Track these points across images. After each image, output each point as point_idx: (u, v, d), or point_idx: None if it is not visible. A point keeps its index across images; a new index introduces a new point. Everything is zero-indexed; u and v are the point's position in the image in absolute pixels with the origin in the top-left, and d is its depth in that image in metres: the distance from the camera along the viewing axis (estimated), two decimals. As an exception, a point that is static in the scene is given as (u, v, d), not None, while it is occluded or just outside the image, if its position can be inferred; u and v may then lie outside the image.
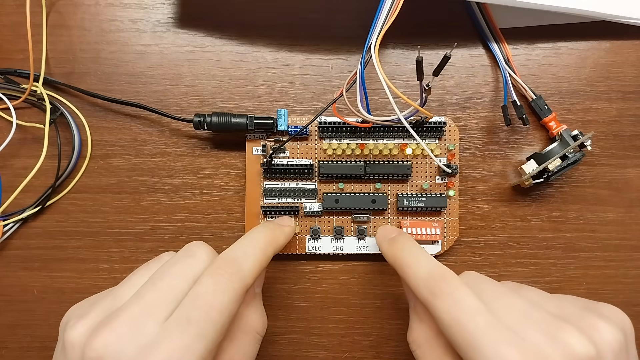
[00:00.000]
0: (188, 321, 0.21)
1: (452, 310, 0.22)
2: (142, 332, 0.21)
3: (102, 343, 0.20)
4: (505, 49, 0.32)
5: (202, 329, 0.21)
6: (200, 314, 0.21)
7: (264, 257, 0.25)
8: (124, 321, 0.21)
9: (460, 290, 0.23)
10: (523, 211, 0.33)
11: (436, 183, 0.32)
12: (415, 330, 0.26)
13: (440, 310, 0.22)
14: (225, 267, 0.23)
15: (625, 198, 0.33)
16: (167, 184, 0.33)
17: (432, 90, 0.26)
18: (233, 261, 0.24)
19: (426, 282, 0.24)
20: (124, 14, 0.33)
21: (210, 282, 0.22)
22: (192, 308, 0.21)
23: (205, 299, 0.22)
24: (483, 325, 0.21)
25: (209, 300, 0.22)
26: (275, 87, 0.33)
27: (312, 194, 0.32)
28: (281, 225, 0.29)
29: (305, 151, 0.32)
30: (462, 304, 0.22)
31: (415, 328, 0.26)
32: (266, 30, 0.33)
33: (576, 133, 0.31)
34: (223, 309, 0.22)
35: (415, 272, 0.25)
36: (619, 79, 0.32)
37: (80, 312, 0.23)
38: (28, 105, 0.33)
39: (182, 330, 0.21)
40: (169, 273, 0.23)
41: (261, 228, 0.27)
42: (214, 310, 0.21)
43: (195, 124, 0.30)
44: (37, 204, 0.32)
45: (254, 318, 0.26)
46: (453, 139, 0.32)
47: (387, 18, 0.26)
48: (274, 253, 0.27)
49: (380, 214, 0.32)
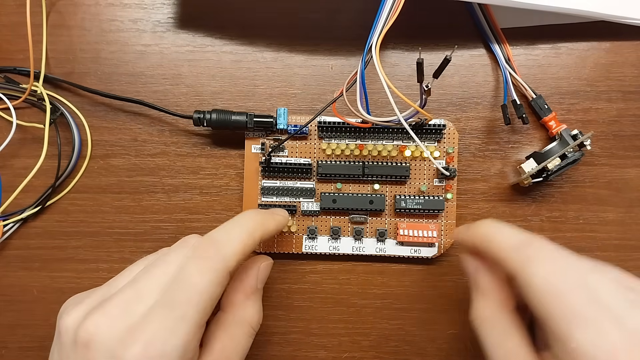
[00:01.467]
0: (171, 304, 0.21)
1: (550, 278, 0.21)
2: (132, 314, 0.21)
3: (94, 325, 0.21)
4: (506, 48, 0.32)
5: (184, 311, 0.21)
6: (181, 297, 0.22)
7: (250, 241, 0.25)
8: (116, 304, 0.22)
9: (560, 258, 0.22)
10: (523, 211, 0.33)
11: (434, 185, 0.32)
12: (480, 306, 0.25)
13: (537, 276, 0.22)
14: (206, 249, 0.23)
15: (625, 198, 0.33)
16: (167, 184, 0.33)
17: (432, 90, 0.26)
18: (214, 243, 0.24)
19: (518, 249, 0.23)
20: (124, 14, 0.33)
21: (191, 265, 0.23)
22: (174, 290, 0.22)
23: (186, 281, 0.22)
24: (583, 299, 0.21)
25: (190, 282, 0.22)
26: (275, 87, 0.33)
27: (309, 194, 0.32)
28: (273, 213, 0.29)
29: (304, 150, 0.32)
30: (562, 272, 0.22)
31: (479, 304, 0.25)
32: (266, 30, 0.33)
33: (576, 133, 0.31)
34: (203, 291, 0.22)
35: (503, 239, 0.24)
36: (619, 79, 0.32)
37: (76, 301, 0.24)
38: (28, 105, 0.33)
39: (165, 313, 0.21)
40: (163, 261, 0.23)
41: (250, 212, 0.27)
42: (194, 293, 0.22)
43: (195, 120, 0.30)
44: (37, 204, 0.32)
45: (251, 312, 0.26)
46: (452, 141, 0.32)
47: (388, 18, 0.26)
48: (261, 238, 0.26)
49: (378, 215, 0.32)
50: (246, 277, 0.27)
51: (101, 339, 0.21)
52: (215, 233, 0.25)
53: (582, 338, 0.20)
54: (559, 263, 0.22)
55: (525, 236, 0.24)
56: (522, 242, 0.23)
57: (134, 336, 0.21)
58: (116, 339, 0.21)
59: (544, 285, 0.21)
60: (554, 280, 0.21)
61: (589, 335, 0.20)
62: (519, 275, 0.23)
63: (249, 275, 0.27)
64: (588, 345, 0.20)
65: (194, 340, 0.22)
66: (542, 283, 0.21)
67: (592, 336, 0.20)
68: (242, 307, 0.26)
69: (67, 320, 0.22)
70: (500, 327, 0.24)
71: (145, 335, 0.21)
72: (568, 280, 0.21)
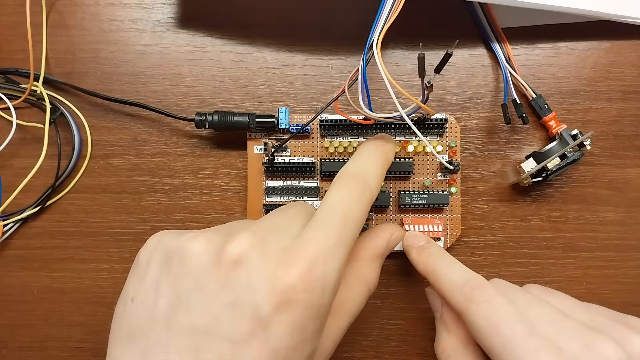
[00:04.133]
0: (327, 227, 0.20)
1: (490, 317, 0.23)
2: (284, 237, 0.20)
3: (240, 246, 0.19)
4: (506, 48, 0.32)
5: (340, 235, 0.20)
6: (338, 220, 0.21)
7: (383, 173, 0.25)
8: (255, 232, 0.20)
9: (497, 297, 0.23)
10: (523, 211, 0.33)
11: (438, 180, 0.32)
12: (444, 341, 0.26)
13: (478, 316, 0.23)
14: (355, 179, 0.23)
15: (625, 198, 0.33)
16: (167, 184, 0.33)
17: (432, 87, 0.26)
18: (360, 175, 0.23)
19: (462, 289, 0.24)
20: (124, 14, 0.33)
21: (343, 193, 0.22)
22: (329, 215, 0.21)
23: (341, 207, 0.21)
24: (522, 333, 0.22)
25: (345, 208, 0.21)
26: (275, 87, 0.33)
27: (314, 192, 0.32)
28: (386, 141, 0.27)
29: (306, 149, 0.32)
30: (500, 311, 0.23)
31: (443, 339, 0.26)
32: (266, 30, 0.33)
33: (576, 132, 0.31)
34: (357, 218, 0.22)
35: (449, 279, 0.25)
36: (619, 79, 0.32)
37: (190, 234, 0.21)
38: (28, 105, 0.33)
39: (323, 235, 0.20)
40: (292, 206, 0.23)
41: (372, 145, 0.26)
42: (349, 219, 0.21)
43: (196, 122, 0.30)
44: (37, 204, 0.32)
45: (373, 274, 0.26)
46: (455, 136, 0.32)
47: (389, 16, 0.26)
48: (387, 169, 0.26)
49: (382, 211, 0.32)
50: (378, 239, 0.27)
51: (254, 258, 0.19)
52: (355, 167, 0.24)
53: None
54: (497, 302, 0.23)
55: (469, 276, 0.25)
56: (465, 282, 0.24)
57: (292, 256, 0.19)
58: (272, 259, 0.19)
59: (485, 323, 0.23)
60: (493, 319, 0.22)
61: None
62: (463, 314, 0.24)
63: (381, 238, 0.27)
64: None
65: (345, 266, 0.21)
66: (482, 322, 0.23)
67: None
68: (367, 267, 0.26)
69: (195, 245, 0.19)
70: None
71: (307, 256, 0.19)
72: (507, 317, 0.22)
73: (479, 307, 0.23)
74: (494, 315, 0.23)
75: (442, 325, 0.27)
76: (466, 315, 0.24)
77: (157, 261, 0.21)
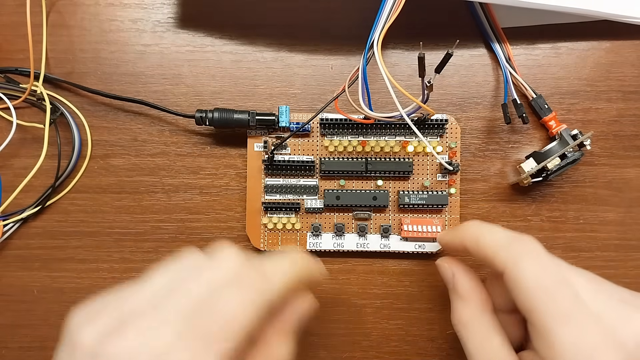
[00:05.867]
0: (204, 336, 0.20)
1: (540, 275, 0.22)
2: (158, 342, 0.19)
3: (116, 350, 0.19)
4: (506, 48, 0.32)
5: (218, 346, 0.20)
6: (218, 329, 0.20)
7: (297, 279, 0.24)
8: (140, 329, 0.20)
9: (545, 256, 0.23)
10: (523, 211, 0.33)
11: (437, 181, 0.32)
12: (460, 310, 0.26)
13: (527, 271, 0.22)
14: (254, 281, 0.21)
15: (625, 198, 0.33)
16: (167, 184, 0.33)
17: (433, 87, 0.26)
18: (263, 277, 0.22)
19: (508, 247, 0.24)
20: (124, 14, 0.33)
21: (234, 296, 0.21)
22: (211, 323, 0.20)
23: (226, 314, 0.20)
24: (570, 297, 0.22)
25: (228, 313, 0.20)
26: (275, 87, 0.33)
27: (313, 191, 0.32)
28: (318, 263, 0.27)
29: (306, 148, 0.32)
30: (551, 270, 0.22)
31: (458, 308, 0.26)
32: (266, 30, 0.33)
33: (576, 132, 0.31)
34: (243, 326, 0.20)
35: (493, 238, 0.25)
36: (619, 79, 0.32)
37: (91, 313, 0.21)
38: (28, 105, 0.33)
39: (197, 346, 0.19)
40: (190, 280, 0.21)
41: (301, 254, 0.26)
42: (233, 327, 0.20)
43: (197, 119, 0.30)
44: (37, 204, 0.32)
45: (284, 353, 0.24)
46: (455, 136, 0.32)
47: (389, 16, 0.26)
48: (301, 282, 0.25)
49: (382, 211, 0.32)
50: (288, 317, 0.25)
51: None
52: (264, 264, 0.23)
53: (565, 335, 0.21)
54: (545, 261, 0.23)
55: (514, 234, 0.25)
56: (511, 240, 0.24)
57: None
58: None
59: (532, 281, 0.22)
60: (542, 277, 0.22)
61: (572, 332, 0.21)
62: (508, 271, 0.23)
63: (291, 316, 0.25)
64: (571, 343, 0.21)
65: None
66: (530, 279, 0.22)
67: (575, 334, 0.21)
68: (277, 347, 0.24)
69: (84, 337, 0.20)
70: (480, 330, 0.25)
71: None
72: (555, 278, 0.22)
73: (527, 263, 0.23)
74: (543, 274, 0.22)
75: (455, 295, 0.27)
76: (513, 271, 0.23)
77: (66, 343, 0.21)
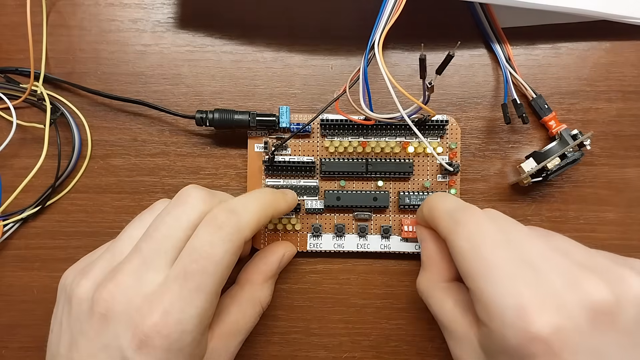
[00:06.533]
0: (185, 275, 0.21)
1: (473, 238, 0.22)
2: (146, 283, 0.22)
3: (110, 295, 0.21)
4: (507, 48, 0.32)
5: (199, 282, 0.21)
6: (197, 267, 0.21)
7: (264, 215, 0.25)
8: (127, 273, 0.22)
9: (484, 221, 0.23)
10: (523, 211, 0.33)
11: (438, 181, 0.32)
12: (420, 277, 0.27)
13: (461, 236, 0.22)
14: (223, 217, 0.23)
15: (625, 198, 0.33)
16: (167, 184, 0.33)
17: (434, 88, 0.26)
18: (232, 212, 0.23)
19: (451, 212, 0.24)
20: (124, 14, 0.33)
21: (207, 234, 0.22)
22: (190, 262, 0.22)
23: (202, 251, 0.22)
24: (503, 258, 0.21)
25: (206, 252, 0.22)
26: (275, 87, 0.33)
27: (313, 192, 0.32)
28: (284, 193, 0.29)
29: (307, 148, 0.32)
30: (485, 233, 0.22)
31: (421, 276, 0.27)
32: (266, 30, 0.33)
33: (576, 132, 0.31)
34: (220, 261, 0.22)
35: (442, 207, 0.25)
36: (619, 79, 0.33)
37: (82, 270, 0.24)
38: (28, 105, 0.33)
39: (181, 284, 0.21)
40: (163, 223, 0.23)
41: (264, 189, 0.28)
42: (210, 263, 0.22)
43: (197, 120, 0.30)
44: (37, 204, 0.32)
45: (266, 294, 0.28)
46: (455, 137, 0.32)
47: (390, 16, 0.26)
48: (272, 216, 0.26)
49: (382, 211, 0.32)
50: (269, 260, 0.29)
51: (119, 309, 0.21)
52: (231, 203, 0.24)
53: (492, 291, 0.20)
54: (483, 225, 0.22)
55: (461, 204, 0.25)
56: (455, 208, 0.24)
57: (152, 305, 0.21)
58: (134, 308, 0.21)
59: (467, 245, 0.22)
60: (475, 240, 0.22)
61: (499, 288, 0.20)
62: (447, 237, 0.23)
63: (272, 259, 0.29)
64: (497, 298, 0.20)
65: (210, 308, 0.22)
66: (463, 243, 0.22)
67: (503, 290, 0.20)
68: (259, 288, 0.28)
69: (80, 291, 0.23)
70: (436, 297, 0.26)
71: (163, 305, 0.21)
72: (491, 241, 0.21)
73: (463, 227, 0.22)
74: (478, 238, 0.22)
75: (422, 266, 0.28)
76: (450, 239, 0.23)
77: (62, 301, 0.24)
